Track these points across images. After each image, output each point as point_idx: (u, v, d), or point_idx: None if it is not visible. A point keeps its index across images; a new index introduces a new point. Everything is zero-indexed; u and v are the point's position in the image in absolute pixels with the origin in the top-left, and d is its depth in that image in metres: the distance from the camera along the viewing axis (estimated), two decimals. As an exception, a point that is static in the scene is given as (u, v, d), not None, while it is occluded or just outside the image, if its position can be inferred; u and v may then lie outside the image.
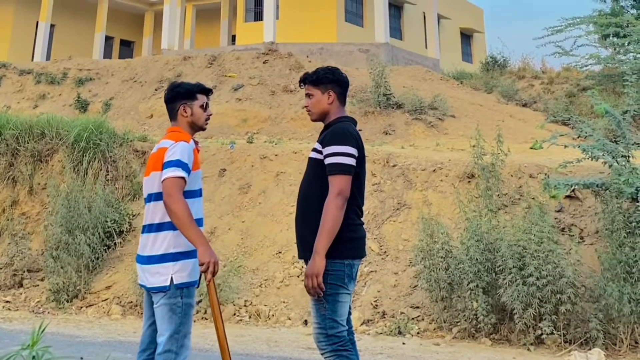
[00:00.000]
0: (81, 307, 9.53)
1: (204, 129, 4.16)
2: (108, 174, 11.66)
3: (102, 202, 10.57)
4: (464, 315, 7.66)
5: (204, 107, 4.12)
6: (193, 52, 21.43)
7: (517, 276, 7.21)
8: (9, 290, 10.24)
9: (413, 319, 8.22)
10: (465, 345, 7.40)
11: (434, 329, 7.95)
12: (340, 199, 3.72)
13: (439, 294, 7.91)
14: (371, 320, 8.37)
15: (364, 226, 4.06)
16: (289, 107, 15.99)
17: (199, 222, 3.99)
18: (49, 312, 9.40)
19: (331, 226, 3.70)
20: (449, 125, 15.39)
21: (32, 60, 24.76)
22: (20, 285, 10.33)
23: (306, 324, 8.39)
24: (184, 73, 18.19)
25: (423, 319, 8.19)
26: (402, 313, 8.32)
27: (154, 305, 3.92)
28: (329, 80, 4.04)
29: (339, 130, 3.88)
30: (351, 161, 3.78)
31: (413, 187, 10.24)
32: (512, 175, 9.60)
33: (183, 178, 3.81)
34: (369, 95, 16.15)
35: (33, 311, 9.47)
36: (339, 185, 3.73)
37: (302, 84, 4.14)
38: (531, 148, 12.33)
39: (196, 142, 4.07)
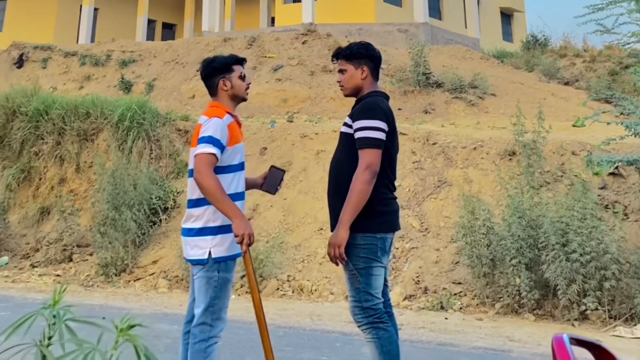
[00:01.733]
0: (129, 281, 9.78)
1: (245, 99, 4.17)
2: (152, 153, 11.88)
3: (147, 180, 10.79)
4: (507, 291, 7.68)
5: (242, 77, 4.12)
6: (233, 34, 21.58)
7: (560, 252, 7.20)
8: (59, 264, 10.55)
9: (455, 294, 8.25)
10: (508, 321, 7.43)
11: (477, 305, 7.98)
12: (369, 172, 3.71)
13: (481, 270, 7.92)
14: (413, 295, 8.44)
15: (398, 200, 4.04)
16: (329, 87, 16.03)
17: (241, 195, 4.05)
18: (98, 286, 9.67)
19: (357, 199, 3.70)
20: (489, 103, 15.30)
21: (77, 42, 25.17)
22: (70, 259, 10.63)
23: (347, 299, 8.50)
24: (224, 54, 18.30)
25: (465, 295, 8.23)
26: (444, 289, 8.36)
27: (194, 277, 4.00)
28: (362, 55, 4.01)
29: (368, 105, 3.87)
30: (381, 135, 3.76)
31: (453, 164, 10.26)
32: (554, 153, 9.56)
33: (214, 154, 3.83)
34: (409, 75, 16.14)
35: (82, 284, 9.75)
36: (368, 159, 3.73)
37: (335, 59, 4.13)
38: (573, 125, 12.22)
39: (234, 116, 4.06)
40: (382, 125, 3.77)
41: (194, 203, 3.96)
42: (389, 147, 3.82)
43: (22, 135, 12.28)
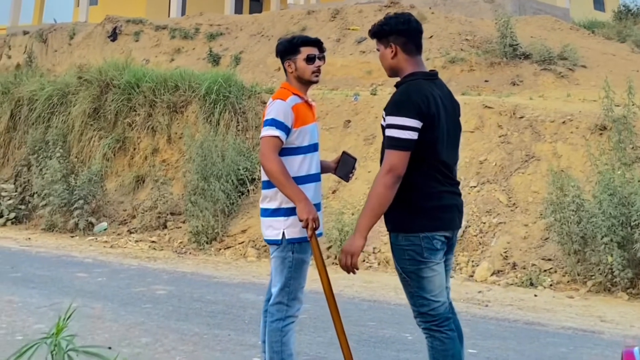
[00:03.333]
0: (219, 249, 10.11)
1: (313, 82, 4.05)
2: (238, 125, 12.14)
3: (234, 151, 11.06)
4: (599, 269, 7.53)
5: (310, 59, 4.01)
6: (317, 6, 21.60)
7: (655, 231, 7.02)
8: (154, 231, 11.02)
9: (545, 271, 8.12)
10: (600, 299, 7.29)
11: (567, 282, 7.84)
12: (391, 176, 3.36)
13: (571, 247, 7.77)
14: (501, 271, 8.38)
15: (457, 192, 3.64)
16: (413, 59, 15.89)
17: (315, 177, 4.02)
18: (190, 253, 10.05)
19: (375, 204, 3.41)
20: (580, 75, 14.83)
21: (169, 16, 25.75)
22: (165, 226, 11.08)
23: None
24: (308, 27, 18.43)
25: (556, 272, 8.09)
26: (533, 265, 8.25)
27: (271, 256, 4.03)
28: (387, 31, 3.60)
29: (397, 97, 3.49)
30: (408, 134, 3.36)
31: (542, 139, 10.06)
32: (644, 128, 9.25)
33: (277, 137, 3.81)
34: (495, 46, 15.78)
35: (176, 251, 10.15)
36: (390, 161, 3.38)
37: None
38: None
39: (302, 98, 4.01)
40: (412, 122, 3.36)
41: (267, 184, 3.96)
42: (430, 138, 3.42)
43: (115, 107, 12.81)
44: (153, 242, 10.61)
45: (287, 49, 4.06)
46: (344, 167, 4.20)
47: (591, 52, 16.49)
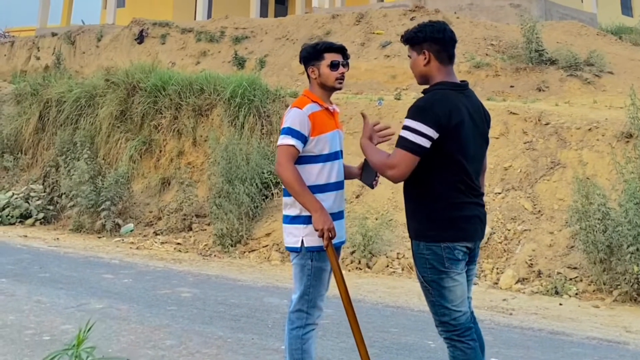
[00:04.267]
0: (244, 252, 10.17)
1: (336, 89, 4.03)
2: (263, 128, 12.20)
3: (258, 155, 11.11)
4: (625, 278, 7.46)
5: (334, 66, 3.99)
6: (341, 10, 21.64)
7: (682, 241, 6.96)
8: (179, 233, 11.11)
9: (571, 279, 8.07)
10: (626, 309, 7.22)
11: (593, 291, 7.78)
12: (390, 174, 3.48)
13: (597, 256, 7.70)
14: (526, 279, 8.33)
15: (479, 203, 3.62)
16: (438, 63, 15.86)
17: (337, 185, 3.99)
18: (215, 255, 10.12)
19: (369, 157, 3.63)
20: (606, 82, 14.72)
21: (195, 19, 25.95)
22: (190, 229, 11.17)
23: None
24: (333, 31, 18.48)
25: (581, 280, 8.03)
26: (558, 273, 8.20)
27: (292, 263, 4.03)
28: (421, 38, 3.61)
29: (420, 103, 3.50)
30: (420, 140, 3.38)
31: (567, 146, 10.00)
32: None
33: (292, 145, 3.80)
34: (520, 52, 15.75)
35: (201, 254, 10.23)
36: (397, 159, 3.45)
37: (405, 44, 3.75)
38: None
39: (322, 105, 3.99)
40: (428, 130, 3.39)
41: (287, 191, 3.95)
42: (453, 148, 3.45)
43: (142, 110, 12.96)
44: (178, 244, 10.70)
45: (311, 54, 4.04)
46: (368, 174, 4.14)
47: (618, 58, 16.35)
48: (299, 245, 3.90)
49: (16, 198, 12.64)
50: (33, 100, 14.48)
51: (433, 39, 3.58)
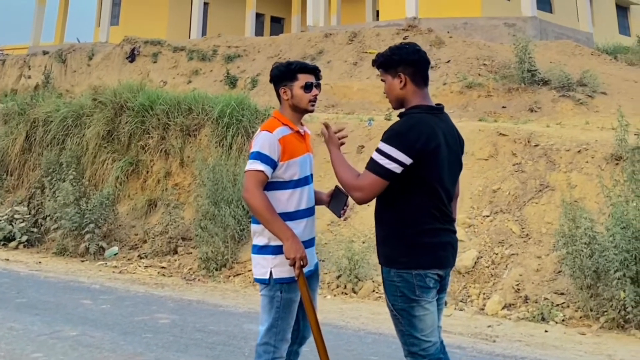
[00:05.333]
0: (229, 276, 9.97)
1: (309, 111, 3.91)
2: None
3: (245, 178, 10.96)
4: (612, 305, 7.31)
5: (308, 88, 3.86)
6: (334, 29, 21.65)
7: (668, 267, 6.82)
8: (164, 256, 10.91)
9: (557, 305, 7.92)
10: (612, 337, 7.06)
11: (580, 317, 7.62)
12: (357, 196, 3.43)
13: (584, 282, 7.56)
14: (513, 304, 8.18)
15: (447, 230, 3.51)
16: (430, 83, 15.68)
17: (307, 212, 3.87)
18: (199, 280, 9.94)
19: (339, 172, 3.53)
20: (599, 102, 14.62)
21: (189, 37, 25.97)
22: (175, 252, 10.98)
23: (445, 305, 8.36)
24: (325, 50, 18.45)
25: (568, 306, 7.87)
26: (545, 299, 8.05)
27: (260, 293, 3.87)
28: (396, 61, 3.52)
29: (396, 127, 3.42)
30: (391, 165, 3.31)
31: (556, 168, 9.88)
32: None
33: (261, 171, 3.66)
34: (513, 72, 15.67)
35: (185, 278, 10.04)
36: (365, 182, 3.38)
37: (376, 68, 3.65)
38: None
39: (293, 128, 3.87)
40: (401, 156, 3.31)
41: (256, 219, 3.81)
42: (427, 174, 3.37)
43: (129, 130, 12.82)
44: (163, 267, 10.51)
45: (284, 74, 3.89)
46: (337, 202, 4.02)
47: (612, 79, 16.29)
48: (267, 276, 3.76)
49: (0, 220, 12.46)
50: (20, 120, 14.33)
51: (408, 62, 3.52)
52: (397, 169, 3.31)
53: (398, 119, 3.54)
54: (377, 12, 27.78)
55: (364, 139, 12.05)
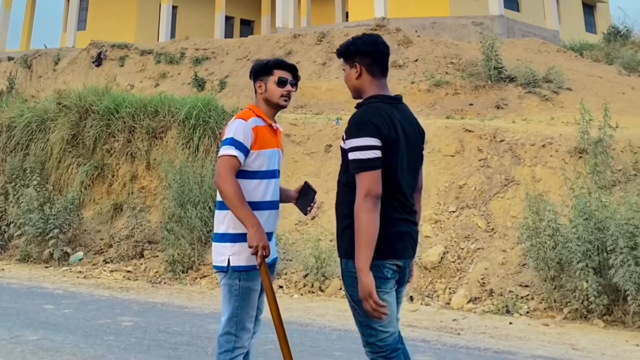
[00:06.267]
0: (195, 278, 9.89)
1: (281, 106, 3.95)
2: (218, 150, 11.97)
3: (212, 178, 10.86)
4: (575, 295, 7.36)
5: (281, 83, 3.94)
6: (303, 30, 21.63)
7: (629, 256, 6.86)
8: (130, 260, 10.79)
9: (522, 297, 7.97)
10: (575, 327, 7.11)
11: (544, 309, 7.68)
12: (369, 200, 3.23)
13: (547, 273, 7.62)
14: (478, 298, 8.21)
15: (407, 221, 3.46)
16: (398, 82, 15.81)
17: (271, 204, 3.88)
18: (165, 283, 9.83)
19: (366, 234, 3.21)
20: (565, 98, 14.75)
21: (158, 41, 25.75)
22: (142, 256, 10.86)
23: (412, 300, 8.37)
24: (294, 51, 18.40)
25: (533, 298, 7.93)
26: (510, 292, 8.09)
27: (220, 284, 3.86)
28: (353, 51, 3.53)
29: (355, 119, 3.38)
30: (372, 154, 3.26)
31: (521, 162, 9.94)
32: (622, 152, 9.13)
33: (235, 156, 3.70)
34: (480, 69, 15.75)
35: (150, 281, 9.93)
36: (365, 184, 3.25)
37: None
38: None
39: (267, 121, 3.92)
40: (373, 141, 3.27)
41: (220, 205, 3.83)
42: (388, 162, 3.32)
43: (94, 133, 12.65)
44: (129, 271, 10.38)
45: (261, 69, 3.99)
46: (304, 199, 4.04)
47: (577, 75, 16.45)
48: (225, 264, 3.75)
49: (-38, 228, 12.23)
50: (-17, 127, 14.10)
51: (364, 52, 3.51)
52: (378, 153, 3.28)
53: (355, 109, 3.51)
54: (347, 13, 27.81)
55: (332, 137, 12.03)
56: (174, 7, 28.47)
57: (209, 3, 29.85)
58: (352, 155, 3.31)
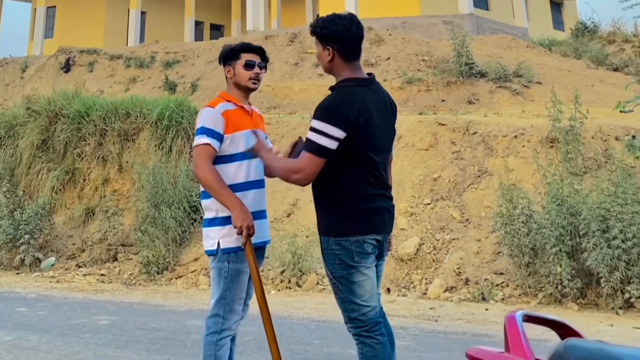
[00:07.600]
0: (171, 279, 9.80)
1: (250, 89, 3.96)
2: (191, 151, 11.89)
3: (186, 178, 10.79)
4: (549, 280, 7.45)
5: (249, 66, 3.94)
6: (275, 32, 21.63)
7: (601, 239, 6.96)
8: (104, 264, 10.64)
9: (497, 285, 8.05)
10: (550, 311, 7.15)
11: (519, 295, 7.76)
12: (295, 177, 3.36)
13: (522, 260, 7.70)
14: (454, 287, 8.26)
15: (384, 197, 3.51)
16: (370, 80, 15.87)
17: (256, 184, 3.90)
18: (140, 284, 9.72)
19: (273, 165, 3.49)
20: (535, 92, 14.94)
21: (127, 45, 25.55)
22: (115, 259, 10.72)
23: (389, 292, 8.38)
24: (266, 52, 18.35)
25: (508, 285, 8.01)
26: (485, 280, 8.17)
27: (210, 268, 3.90)
28: (326, 35, 3.50)
29: (327, 102, 3.39)
30: (327, 142, 3.26)
31: (494, 154, 10.02)
32: (593, 139, 9.26)
33: (208, 144, 3.73)
34: (451, 66, 15.89)
35: (125, 283, 9.83)
36: (303, 164, 3.32)
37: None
38: (620, 111, 11.77)
39: (238, 104, 3.92)
40: (335, 132, 3.27)
41: (205, 194, 3.88)
42: (363, 142, 3.36)
43: (65, 138, 12.45)
44: (102, 275, 10.23)
45: (228, 54, 4.00)
46: (297, 154, 4.07)
47: (547, 69, 16.65)
48: (215, 247, 3.79)
49: None
50: (-49, 135, 13.82)
51: (337, 38, 3.47)
52: (332, 144, 3.28)
53: (329, 92, 3.50)
54: (318, 15, 27.80)
55: (306, 135, 12.01)
56: (143, 13, 28.32)
57: (178, 8, 29.74)
58: (309, 135, 3.33)
